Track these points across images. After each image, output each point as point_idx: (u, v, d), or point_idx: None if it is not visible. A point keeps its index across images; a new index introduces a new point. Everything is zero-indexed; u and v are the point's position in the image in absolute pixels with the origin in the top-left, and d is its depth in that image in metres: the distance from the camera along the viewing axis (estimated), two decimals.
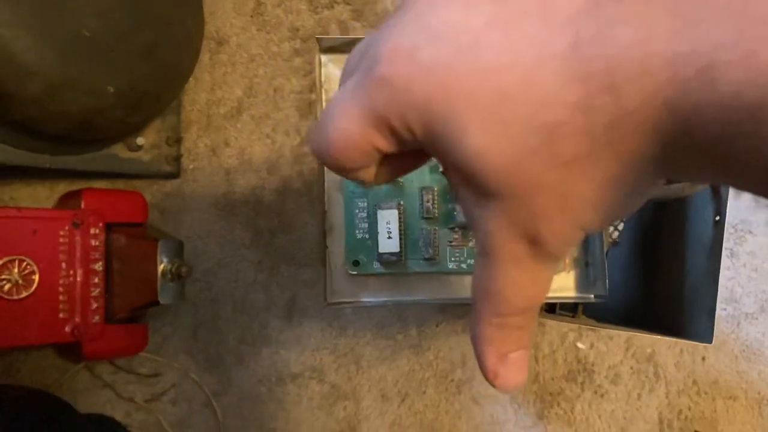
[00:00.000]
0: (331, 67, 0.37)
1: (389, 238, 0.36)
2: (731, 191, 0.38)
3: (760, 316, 0.70)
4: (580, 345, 0.69)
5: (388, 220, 0.36)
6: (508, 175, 0.19)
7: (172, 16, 0.59)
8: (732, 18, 0.15)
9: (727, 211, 0.40)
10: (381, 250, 0.36)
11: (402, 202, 0.37)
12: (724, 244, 0.65)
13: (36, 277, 0.55)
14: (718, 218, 0.38)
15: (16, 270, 0.54)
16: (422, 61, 0.19)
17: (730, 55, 0.15)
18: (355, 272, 0.36)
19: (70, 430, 0.56)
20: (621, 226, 0.62)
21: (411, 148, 0.21)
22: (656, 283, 0.50)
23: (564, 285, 0.36)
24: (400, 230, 0.36)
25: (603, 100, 0.17)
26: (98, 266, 0.58)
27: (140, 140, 0.65)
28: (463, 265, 0.36)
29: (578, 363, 0.69)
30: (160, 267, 0.60)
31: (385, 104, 0.20)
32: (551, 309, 0.54)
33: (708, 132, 0.16)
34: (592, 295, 0.36)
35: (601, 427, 0.68)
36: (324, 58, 0.37)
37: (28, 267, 0.55)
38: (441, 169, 0.36)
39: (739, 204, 0.71)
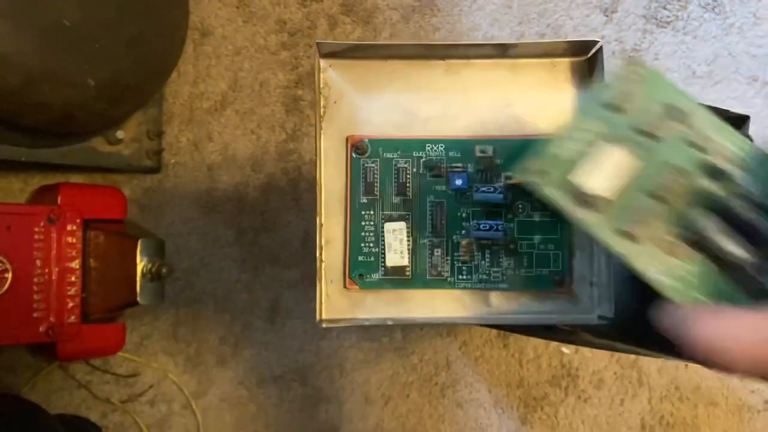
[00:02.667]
0: (330, 73, 0.35)
1: (396, 252, 0.35)
2: None
3: None
4: (564, 350, 0.69)
5: (396, 234, 0.35)
6: None
7: (156, 5, 0.57)
8: None
9: None
10: (388, 263, 0.35)
11: (411, 216, 0.35)
12: None
13: (9, 275, 0.53)
14: None
15: None
16: None
17: None
18: (357, 287, 0.35)
19: None
20: None
21: None
22: (654, 298, 0.50)
23: (567, 305, 0.35)
24: (408, 244, 0.35)
25: None
26: (75, 264, 0.56)
27: (120, 133, 0.63)
28: (470, 284, 0.35)
29: (562, 368, 0.69)
30: (140, 266, 0.58)
31: None
32: (550, 328, 0.53)
33: None
34: (596, 316, 0.35)
35: None
36: (323, 63, 0.35)
37: (1, 265, 0.52)
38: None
39: None
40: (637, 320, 0.53)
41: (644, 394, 0.69)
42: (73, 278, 0.56)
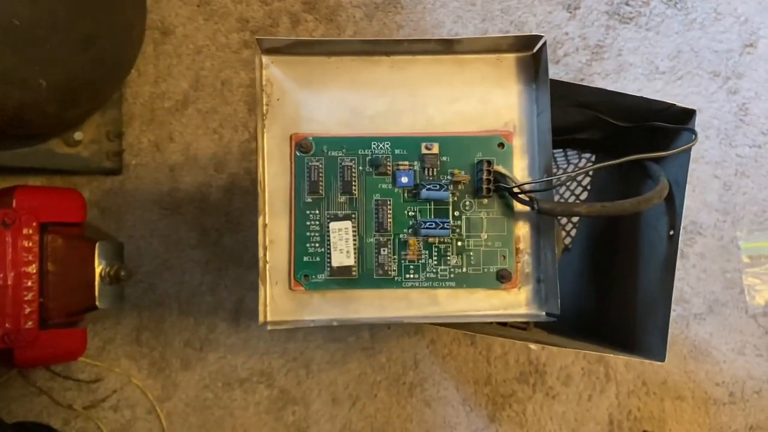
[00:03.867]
0: (273, 69, 0.35)
1: (342, 251, 0.34)
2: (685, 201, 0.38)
3: (708, 317, 0.71)
4: (531, 346, 0.69)
5: (342, 233, 0.34)
6: None
7: (111, 4, 0.56)
8: None
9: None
10: (334, 264, 0.34)
11: (356, 215, 0.35)
12: None
13: None
14: (672, 233, 0.38)
15: None
16: None
17: None
18: (303, 288, 0.34)
19: None
20: (573, 232, 0.62)
21: None
22: (609, 294, 0.50)
23: (514, 301, 0.35)
24: (354, 244, 0.34)
25: None
26: (31, 269, 0.55)
27: (78, 135, 0.62)
28: (418, 283, 0.35)
29: (530, 364, 0.69)
30: (98, 270, 0.57)
31: None
32: (504, 323, 0.53)
33: None
34: (544, 313, 0.35)
35: (552, 428, 0.68)
36: (266, 59, 0.35)
37: None
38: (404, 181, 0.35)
39: (689, 205, 0.71)
40: (594, 317, 0.54)
41: (612, 390, 0.69)
42: (29, 283, 0.55)
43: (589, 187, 0.59)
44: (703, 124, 0.71)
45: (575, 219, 0.62)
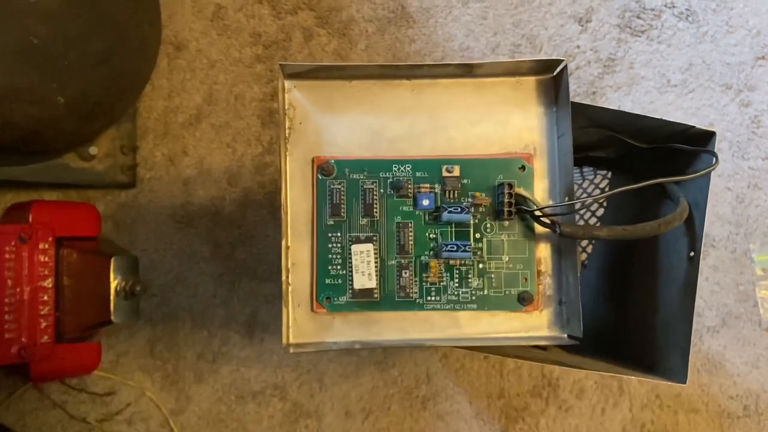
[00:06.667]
0: (295, 93, 0.35)
1: (364, 274, 0.34)
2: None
3: (721, 330, 0.71)
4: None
5: (363, 256, 0.34)
6: None
7: (126, 21, 0.56)
8: None
9: None
10: (355, 286, 0.34)
11: (378, 237, 0.35)
12: None
13: None
14: (692, 254, 0.38)
15: None
16: None
17: None
18: (325, 310, 0.35)
19: None
20: (589, 248, 0.62)
21: None
22: (628, 313, 0.50)
23: (536, 324, 0.35)
24: (375, 266, 0.35)
25: None
26: (47, 283, 0.55)
27: (93, 149, 0.62)
28: (439, 305, 0.35)
29: (543, 378, 0.69)
30: (114, 284, 0.58)
31: None
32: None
33: None
34: (566, 335, 0.35)
35: None
36: (288, 84, 0.35)
37: None
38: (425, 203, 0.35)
39: None
40: (613, 336, 0.54)
41: (625, 403, 0.69)
42: (45, 297, 0.55)
43: (605, 204, 0.59)
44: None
45: None
